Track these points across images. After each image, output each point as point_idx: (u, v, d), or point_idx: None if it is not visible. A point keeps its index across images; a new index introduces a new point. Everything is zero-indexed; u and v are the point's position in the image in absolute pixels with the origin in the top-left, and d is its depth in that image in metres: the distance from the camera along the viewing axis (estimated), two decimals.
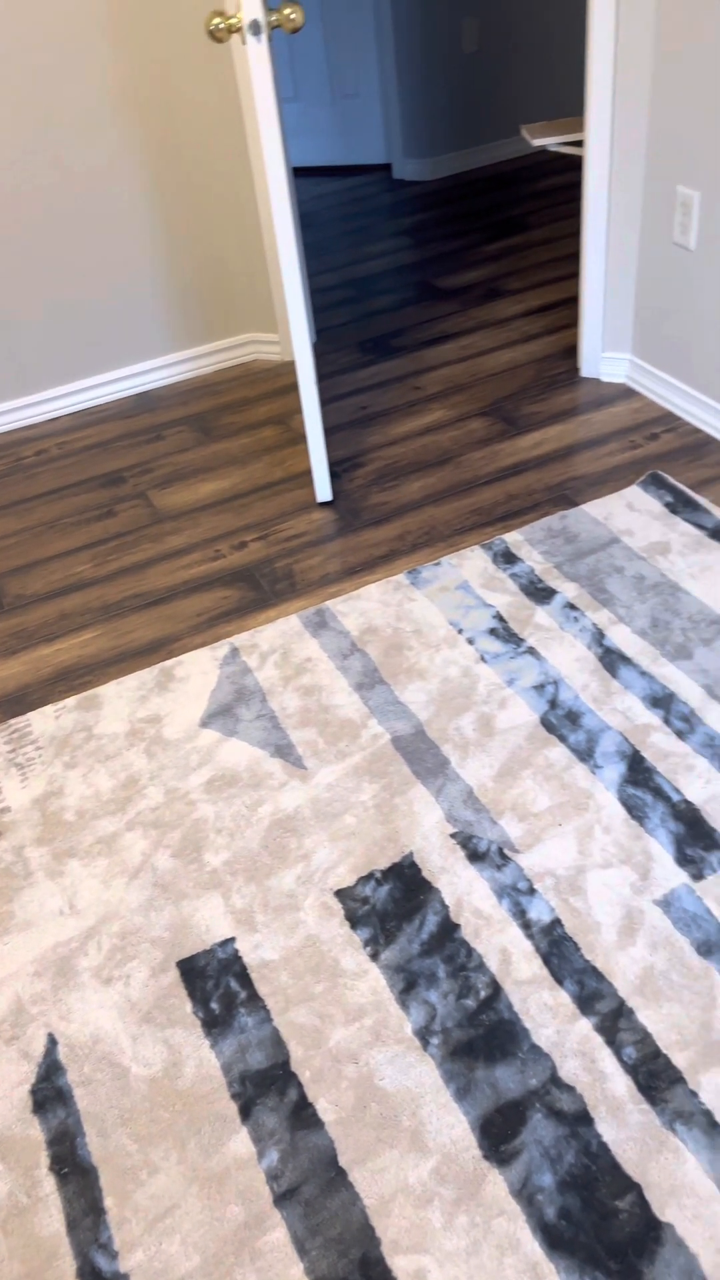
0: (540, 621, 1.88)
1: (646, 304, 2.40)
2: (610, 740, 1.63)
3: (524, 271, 3.16)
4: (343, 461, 2.44)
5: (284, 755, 1.69)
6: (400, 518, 2.24)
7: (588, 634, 1.84)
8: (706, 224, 2.13)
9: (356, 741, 1.69)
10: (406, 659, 1.84)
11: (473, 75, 3.79)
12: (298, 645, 1.90)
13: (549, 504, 2.21)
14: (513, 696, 1.74)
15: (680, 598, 1.89)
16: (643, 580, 1.94)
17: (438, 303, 3.07)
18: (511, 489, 2.28)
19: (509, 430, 2.47)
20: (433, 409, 2.59)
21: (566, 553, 2.04)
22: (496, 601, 1.94)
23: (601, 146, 2.24)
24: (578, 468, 2.31)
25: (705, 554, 1.98)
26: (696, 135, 2.06)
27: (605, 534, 2.07)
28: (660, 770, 1.57)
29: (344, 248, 3.50)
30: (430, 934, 1.40)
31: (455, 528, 2.18)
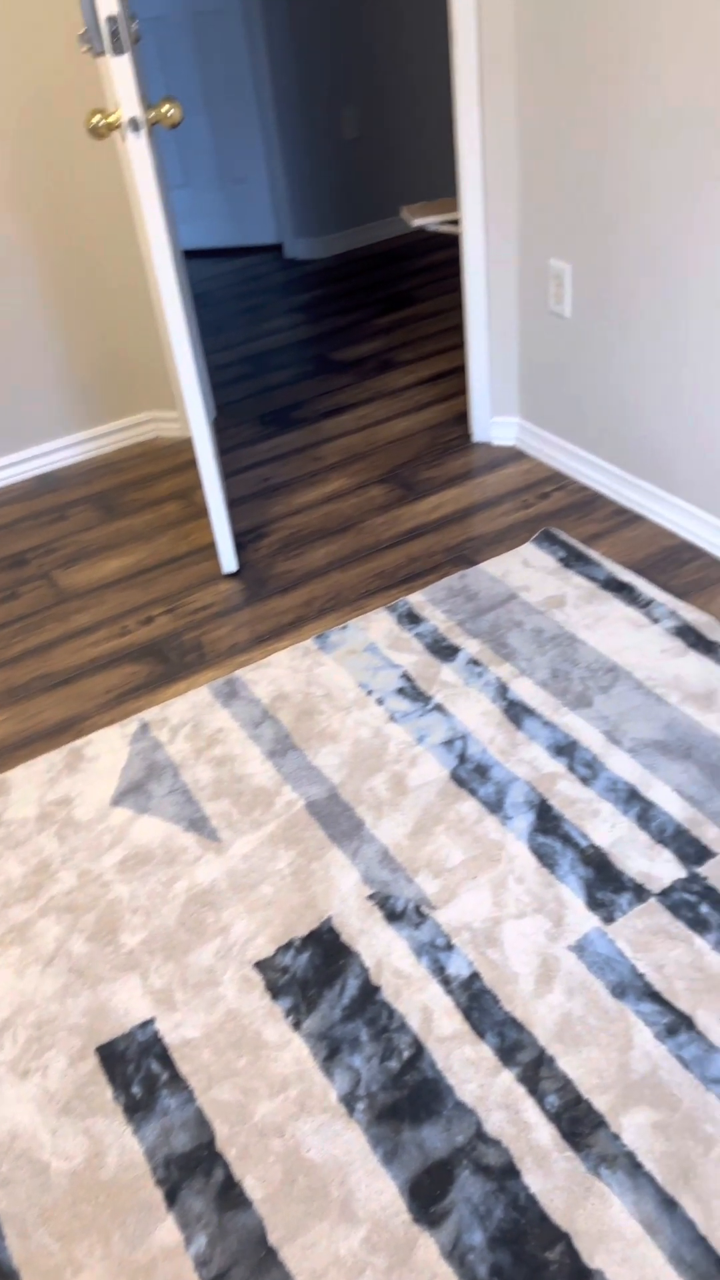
0: (446, 678, 1.92)
1: (530, 370, 2.51)
2: (519, 791, 1.67)
3: (414, 343, 3.28)
4: (248, 532, 2.48)
5: (198, 829, 1.68)
6: (306, 584, 2.27)
7: (492, 688, 1.88)
8: (579, 294, 2.25)
9: (271, 810, 1.70)
10: (318, 723, 1.86)
11: (355, 159, 3.95)
12: (209, 717, 1.90)
13: (449, 564, 2.27)
14: (423, 754, 1.76)
15: (578, 648, 1.95)
16: (541, 633, 2.00)
17: (334, 376, 3.16)
18: (413, 551, 2.33)
19: (408, 495, 2.54)
20: (333, 478, 2.66)
21: (468, 610, 2.09)
22: (403, 661, 1.98)
23: (476, 225, 2.36)
24: (475, 528, 2.39)
25: (598, 605, 2.05)
26: (562, 213, 2.19)
27: (504, 590, 2.13)
28: (568, 817, 1.61)
29: (241, 325, 3.59)
30: (351, 998, 1.40)
31: (360, 592, 2.23)
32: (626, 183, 2.00)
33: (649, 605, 2.03)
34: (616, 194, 2.04)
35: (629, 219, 2.03)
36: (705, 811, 1.59)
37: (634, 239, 2.04)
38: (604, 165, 2.04)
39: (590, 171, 2.07)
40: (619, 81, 1.92)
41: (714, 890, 1.47)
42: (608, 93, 1.95)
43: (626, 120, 1.94)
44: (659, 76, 1.83)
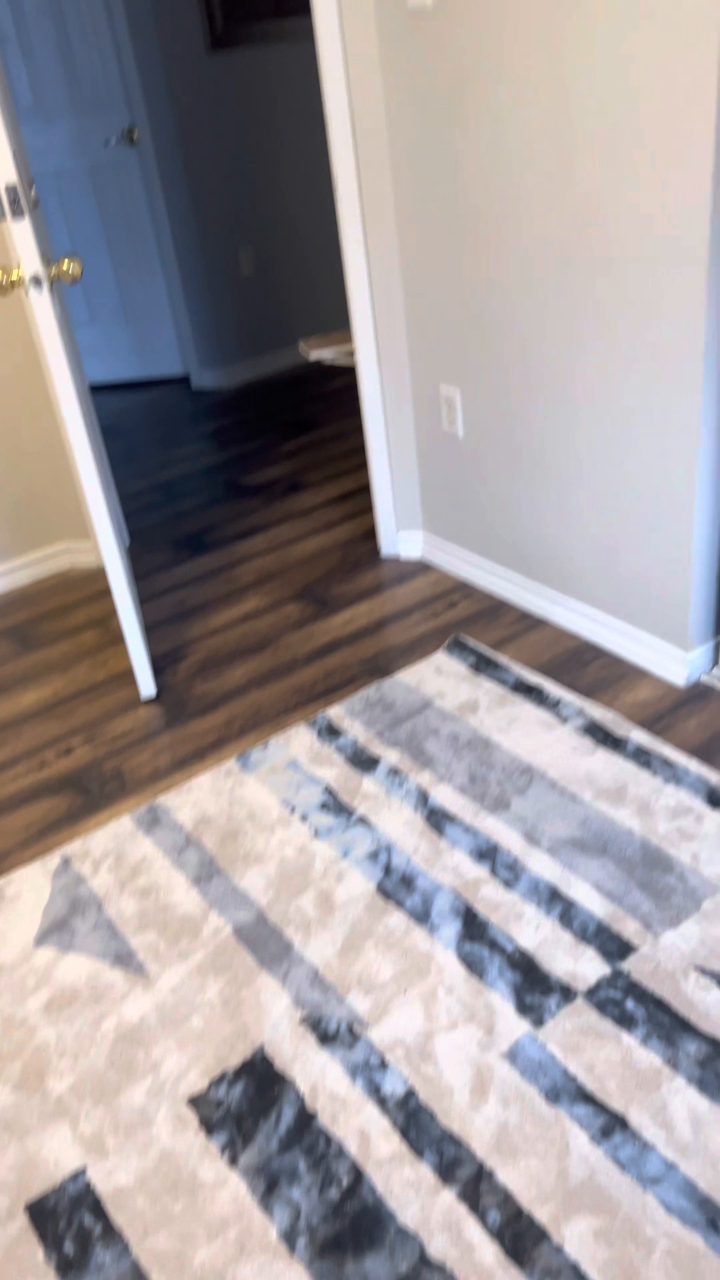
0: (368, 790, 1.95)
1: (430, 487, 2.63)
2: (444, 899, 1.69)
3: (320, 465, 3.41)
4: (166, 655, 2.50)
5: (124, 963, 1.66)
6: (226, 704, 2.30)
7: (413, 796, 1.92)
8: (469, 416, 2.39)
9: (198, 938, 1.68)
10: (242, 845, 1.86)
11: (254, 295, 4.15)
12: (132, 846, 1.89)
13: (365, 676, 2.33)
14: (349, 868, 1.78)
15: (493, 751, 2.01)
16: (458, 739, 2.05)
17: (244, 499, 3.25)
18: (329, 665, 2.39)
19: (322, 611, 2.60)
20: (249, 597, 2.71)
21: (385, 720, 2.14)
22: (325, 775, 2.00)
23: (369, 357, 2.50)
24: (388, 639, 2.45)
25: (510, 708, 2.12)
26: (448, 343, 2.34)
27: (419, 699, 2.19)
28: (493, 922, 1.64)
29: (151, 454, 3.68)
30: (288, 1128, 1.38)
31: (280, 708, 2.26)
32: (504, 313, 2.16)
33: (557, 705, 2.10)
34: (496, 324, 2.19)
35: (510, 347, 2.18)
36: (624, 906, 1.63)
37: (516, 365, 2.19)
38: (483, 299, 2.19)
39: (470, 305, 2.23)
40: (491, 222, 2.08)
41: (637, 986, 1.50)
42: (481, 233, 2.12)
43: (500, 257, 2.10)
44: (528, 217, 2.00)
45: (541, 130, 1.88)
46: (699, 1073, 1.37)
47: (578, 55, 1.75)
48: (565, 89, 1.80)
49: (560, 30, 1.76)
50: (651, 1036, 1.42)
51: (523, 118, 1.90)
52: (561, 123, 1.83)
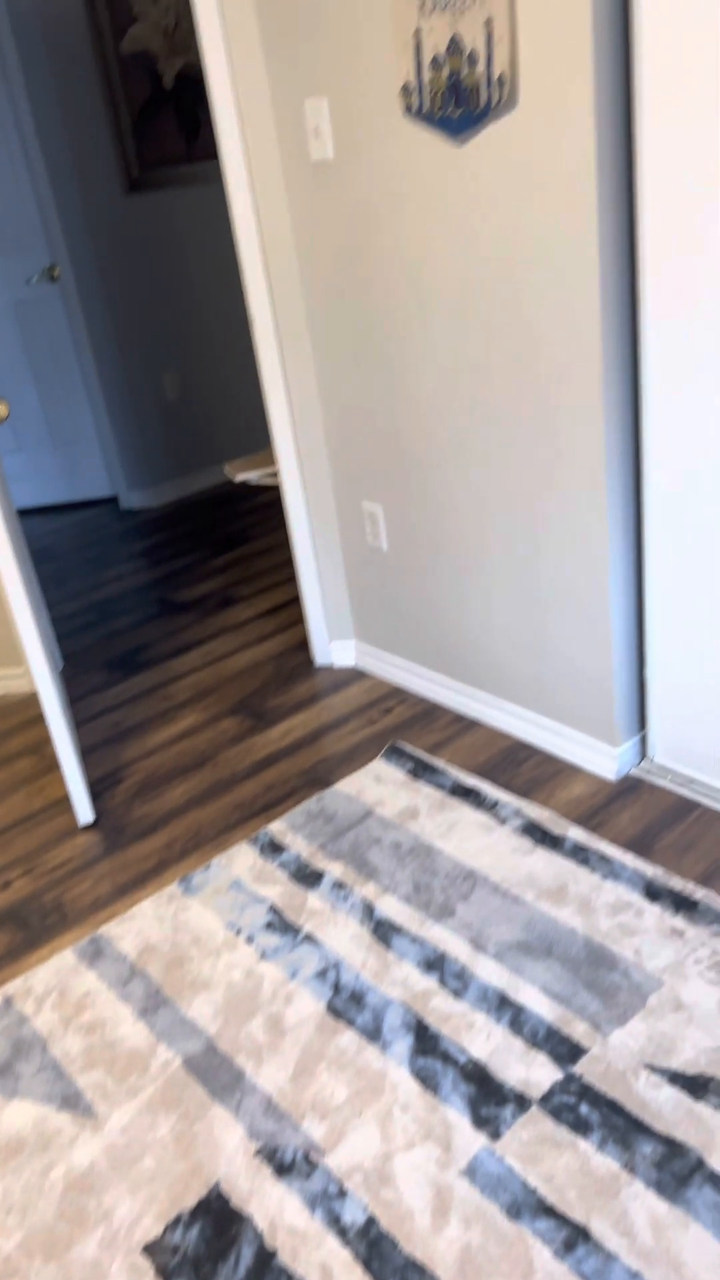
0: (313, 906, 1.95)
1: (359, 596, 2.70)
2: (395, 1014, 1.68)
3: (251, 579, 3.47)
4: (103, 779, 2.49)
5: (72, 1106, 1.61)
6: (166, 826, 2.29)
7: (359, 910, 1.92)
8: (392, 530, 2.47)
9: (147, 1073, 1.65)
10: (188, 972, 1.84)
11: (179, 417, 4.26)
12: (75, 981, 1.86)
13: (305, 788, 2.34)
14: (298, 989, 1.77)
15: (435, 857, 2.03)
16: (400, 847, 2.07)
17: (177, 616, 3.29)
18: (268, 780, 2.40)
19: (259, 724, 2.62)
20: (185, 715, 2.72)
21: (328, 833, 2.15)
22: (269, 894, 2.00)
23: (293, 478, 2.59)
24: (326, 749, 2.48)
25: (449, 812, 2.15)
26: (368, 462, 2.44)
27: (360, 809, 2.21)
28: (444, 1034, 1.63)
29: (82, 576, 3.71)
30: (248, 1268, 1.34)
31: (220, 827, 2.26)
32: (419, 432, 2.26)
33: (495, 807, 2.14)
34: (412, 443, 2.29)
35: (426, 463, 2.28)
36: (572, 1008, 1.64)
37: (433, 480, 2.29)
38: (398, 420, 2.30)
39: (387, 426, 2.34)
40: (403, 348, 2.20)
41: (590, 1089, 1.51)
42: (394, 358, 2.24)
43: (413, 380, 2.22)
44: (437, 343, 2.12)
45: (445, 263, 2.01)
46: (656, 1175, 1.37)
47: (472, 204, 1.89)
48: (463, 228, 1.94)
49: (455, 173, 1.90)
50: (608, 1141, 1.43)
51: (427, 253, 2.03)
52: (464, 256, 1.97)
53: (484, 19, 1.70)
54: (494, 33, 1.69)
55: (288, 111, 2.16)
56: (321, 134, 2.10)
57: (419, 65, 1.84)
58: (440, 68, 1.80)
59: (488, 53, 1.72)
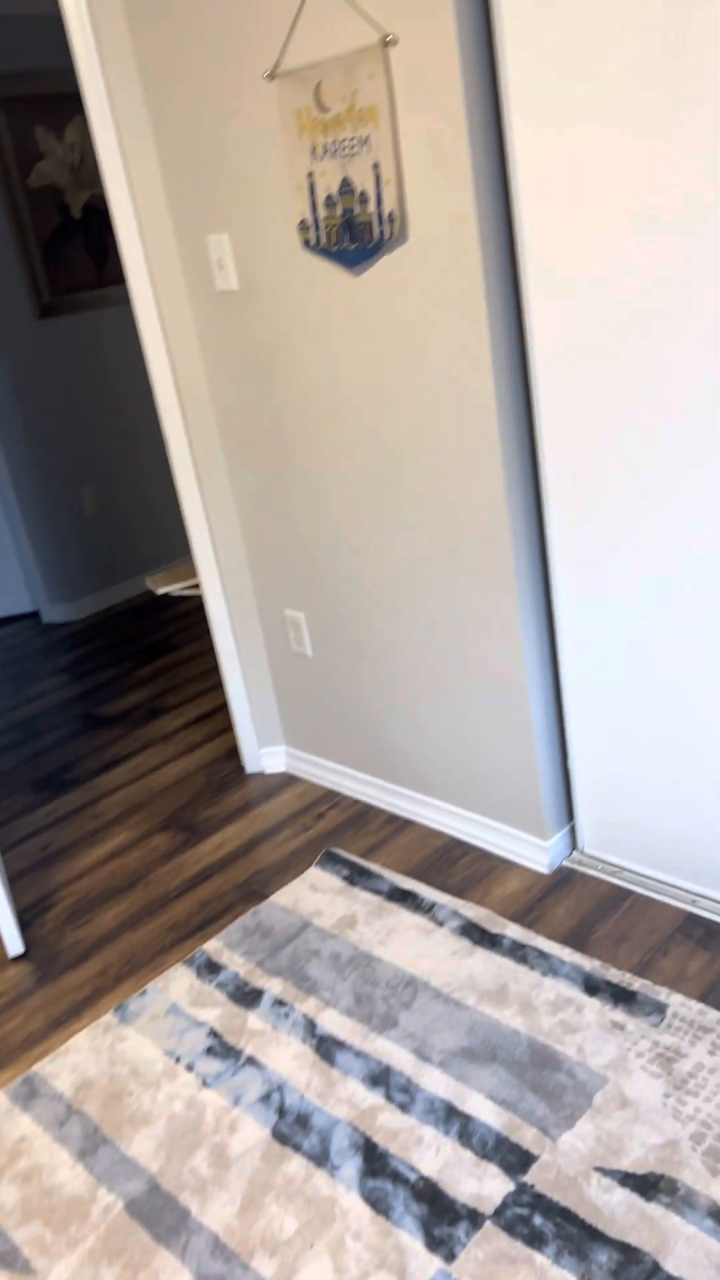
0: (254, 1026, 1.91)
1: (287, 702, 2.72)
2: (342, 1135, 1.65)
3: (178, 688, 3.47)
4: (31, 907, 2.43)
5: (9, 1264, 1.53)
6: (99, 952, 2.23)
7: (300, 1027, 1.89)
8: (316, 636, 2.51)
9: (87, 1221, 1.58)
10: (128, 1107, 1.78)
11: (100, 530, 4.29)
12: (9, 1125, 1.78)
13: (241, 902, 2.31)
14: (241, 1116, 1.72)
15: (375, 966, 2.01)
16: (339, 957, 2.05)
17: (103, 730, 3.26)
18: (203, 895, 2.36)
19: (191, 838, 2.60)
20: (115, 833, 2.68)
21: (265, 948, 2.12)
22: (208, 1017, 1.95)
23: (214, 588, 2.62)
24: (260, 859, 2.46)
25: (387, 918, 2.14)
26: (289, 570, 2.48)
27: (297, 921, 2.19)
28: (393, 1152, 1.60)
29: (4, 694, 3.66)
30: None
31: (155, 949, 2.21)
32: (335, 540, 2.32)
33: (432, 909, 2.14)
34: (329, 550, 2.35)
35: (344, 569, 2.34)
36: (519, 1113, 1.63)
37: (352, 584, 2.34)
38: (315, 528, 2.36)
39: (304, 534, 2.39)
40: (314, 460, 2.28)
41: (543, 1197, 1.49)
42: (306, 470, 2.30)
43: (326, 490, 2.28)
44: (347, 454, 2.20)
45: (351, 385, 2.10)
46: None
47: (372, 330, 1.99)
48: (365, 352, 2.03)
49: (354, 301, 2.00)
50: (563, 1253, 1.41)
51: (334, 376, 2.12)
52: (368, 378, 2.06)
53: (372, 163, 1.82)
54: (382, 176, 1.81)
55: (191, 245, 2.26)
56: (225, 266, 2.20)
57: (314, 204, 1.94)
58: (334, 206, 1.91)
59: (377, 193, 1.83)
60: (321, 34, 1.80)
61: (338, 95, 1.81)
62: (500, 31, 1.62)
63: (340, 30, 1.77)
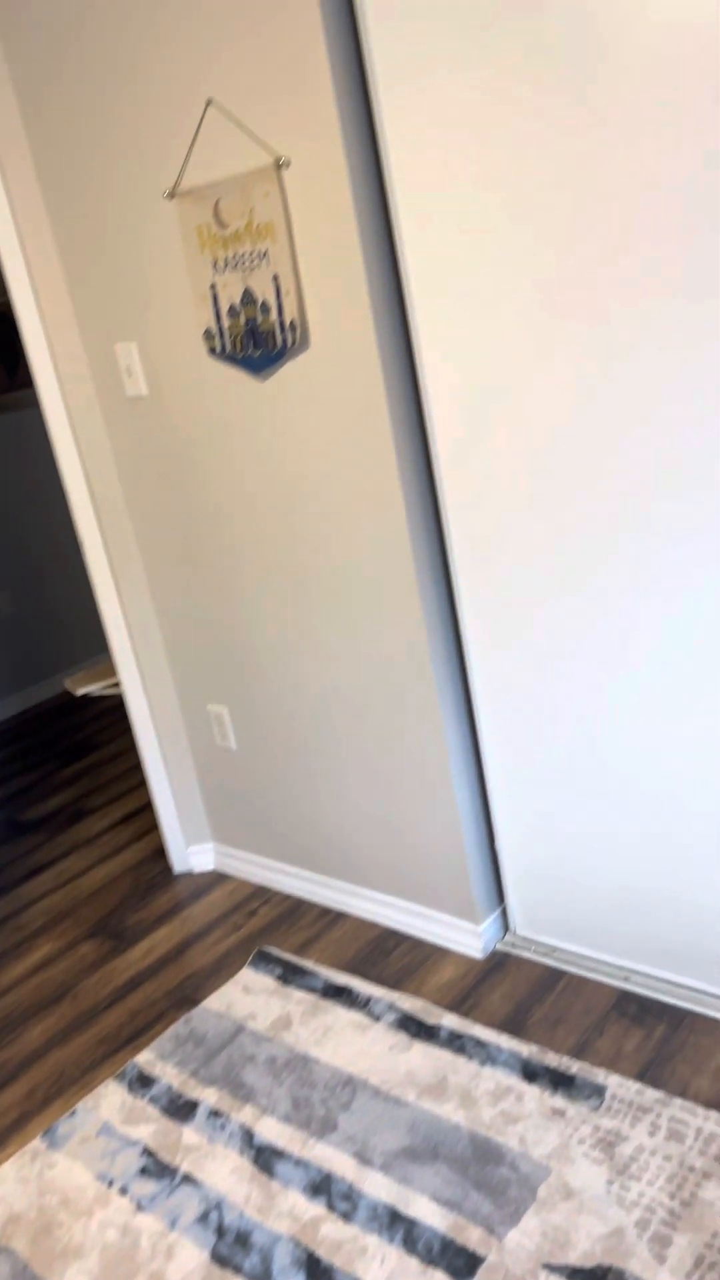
0: (189, 1141, 1.85)
1: (213, 797, 2.69)
2: (284, 1252, 1.59)
3: (103, 788, 3.41)
4: None
5: None
6: (26, 1072, 2.14)
7: (237, 1138, 1.83)
8: (240, 729, 2.51)
9: None
10: (59, 1240, 1.70)
11: (15, 631, 4.24)
12: None
13: (172, 1009, 2.25)
14: (178, 1239, 1.65)
15: (312, 1068, 1.97)
16: (275, 1061, 2.00)
17: (25, 836, 3.17)
18: (133, 1005, 2.30)
19: (119, 945, 2.53)
20: (40, 944, 2.60)
21: (199, 1056, 2.06)
22: (141, 1135, 1.88)
23: (135, 686, 2.60)
24: (192, 962, 2.40)
25: (323, 1016, 2.10)
26: (209, 665, 2.49)
27: (230, 1025, 2.13)
28: (337, 1265, 1.55)
29: None
30: None
31: (85, 1065, 2.13)
32: (255, 632, 2.34)
33: (368, 1004, 2.11)
34: (249, 643, 2.36)
35: (263, 661, 2.35)
36: (464, 1213, 1.60)
37: (272, 676, 2.35)
38: (234, 622, 2.37)
39: (223, 629, 2.40)
40: (229, 555, 2.30)
41: None
42: (221, 565, 2.33)
43: (242, 584, 2.31)
44: (261, 548, 2.23)
45: (263, 485, 2.14)
46: None
47: (280, 432, 2.05)
48: (275, 453, 2.08)
49: (262, 404, 2.06)
50: None
51: (245, 476, 2.16)
52: (279, 479, 2.10)
53: (271, 275, 1.89)
54: (281, 287, 1.88)
55: (100, 352, 2.30)
56: (134, 372, 2.24)
57: (218, 314, 2.01)
58: (237, 315, 1.98)
59: (278, 303, 1.90)
60: (218, 156, 1.89)
61: (236, 212, 1.89)
62: (386, 151, 1.72)
63: (235, 152, 1.86)
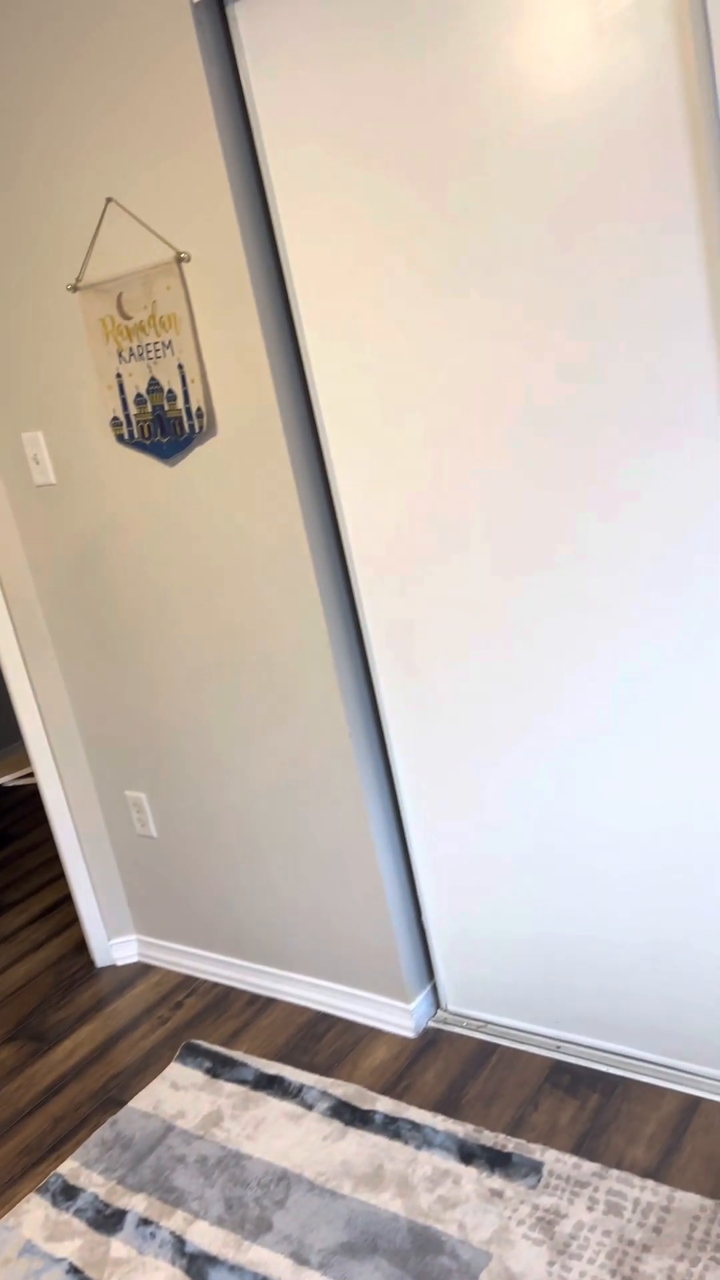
0: (118, 1254, 1.76)
1: (135, 887, 2.63)
2: None
3: (19, 881, 3.30)
4: None
5: None
6: None
7: (169, 1247, 1.76)
8: (159, 815, 2.46)
9: None
10: None
11: None
12: None
13: (97, 1113, 2.16)
14: None
15: (245, 1165, 1.90)
16: (206, 1161, 1.94)
17: None
18: (56, 1111, 2.20)
19: (40, 1047, 2.43)
20: None
21: (126, 1161, 1.98)
22: (66, 1252, 1.79)
23: (49, 774, 2.55)
24: (117, 1061, 2.32)
25: (254, 1108, 2.04)
26: (126, 751, 2.45)
27: (159, 1126, 2.06)
28: None
29: None
30: None
31: (5, 1180, 2.03)
32: (172, 718, 2.32)
33: (300, 1093, 2.06)
34: (167, 729, 2.34)
35: (183, 747, 2.33)
36: None
37: (193, 762, 2.33)
38: (150, 708, 2.35)
39: (140, 715, 2.38)
40: (147, 640, 2.29)
41: None
42: (139, 652, 2.31)
43: (159, 669, 2.29)
44: (179, 632, 2.22)
45: (176, 569, 2.14)
46: None
47: (191, 516, 2.06)
48: (187, 537, 2.09)
49: (172, 489, 2.07)
50: None
51: (157, 561, 2.17)
52: (191, 562, 2.11)
53: (176, 364, 1.92)
54: (187, 375, 1.91)
55: (6, 441, 2.29)
56: (41, 461, 2.24)
57: (125, 402, 2.03)
58: (144, 403, 2.00)
59: (184, 390, 1.93)
60: (120, 250, 1.93)
61: (139, 305, 1.92)
62: (284, 244, 1.77)
63: (137, 247, 1.90)
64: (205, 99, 1.71)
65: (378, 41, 1.57)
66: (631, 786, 1.76)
